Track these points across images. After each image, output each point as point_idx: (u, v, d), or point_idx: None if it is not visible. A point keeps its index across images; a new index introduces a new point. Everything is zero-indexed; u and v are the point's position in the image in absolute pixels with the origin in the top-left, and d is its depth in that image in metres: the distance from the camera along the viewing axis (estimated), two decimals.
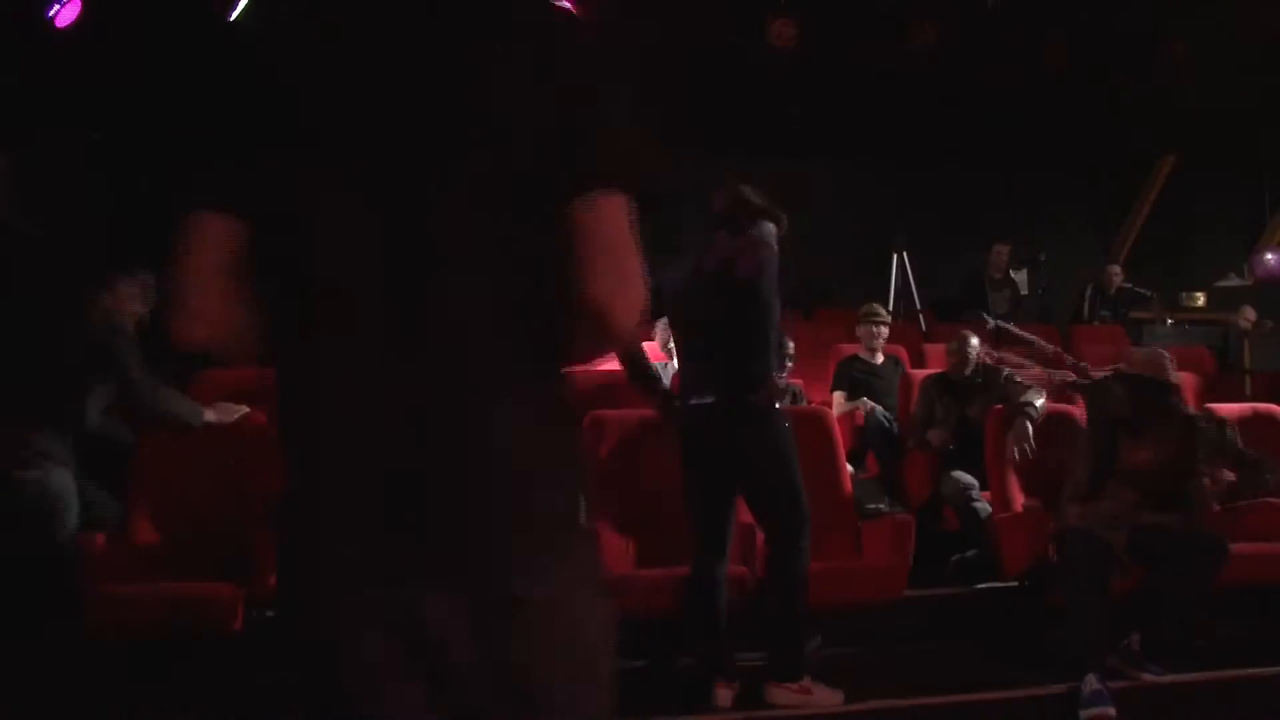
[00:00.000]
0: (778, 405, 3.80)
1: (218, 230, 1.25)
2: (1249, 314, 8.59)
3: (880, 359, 6.21)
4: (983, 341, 5.71)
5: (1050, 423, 4.87)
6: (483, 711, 1.20)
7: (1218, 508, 4.51)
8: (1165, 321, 8.77)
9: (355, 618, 1.18)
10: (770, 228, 3.72)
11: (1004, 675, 3.96)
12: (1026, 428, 4.74)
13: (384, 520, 1.19)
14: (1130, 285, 8.71)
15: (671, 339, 5.73)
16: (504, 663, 1.19)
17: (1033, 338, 6.64)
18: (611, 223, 1.22)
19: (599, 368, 5.36)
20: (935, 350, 6.69)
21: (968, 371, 5.46)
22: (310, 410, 1.24)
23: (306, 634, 1.22)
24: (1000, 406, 5.00)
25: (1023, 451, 4.69)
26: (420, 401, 1.20)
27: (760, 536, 4.31)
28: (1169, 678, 3.88)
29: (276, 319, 1.26)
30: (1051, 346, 6.39)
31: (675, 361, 5.71)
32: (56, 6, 5.75)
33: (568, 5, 6.07)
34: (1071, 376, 5.57)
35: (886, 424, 5.67)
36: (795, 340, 5.97)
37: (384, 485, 1.19)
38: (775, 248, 3.71)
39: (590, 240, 1.20)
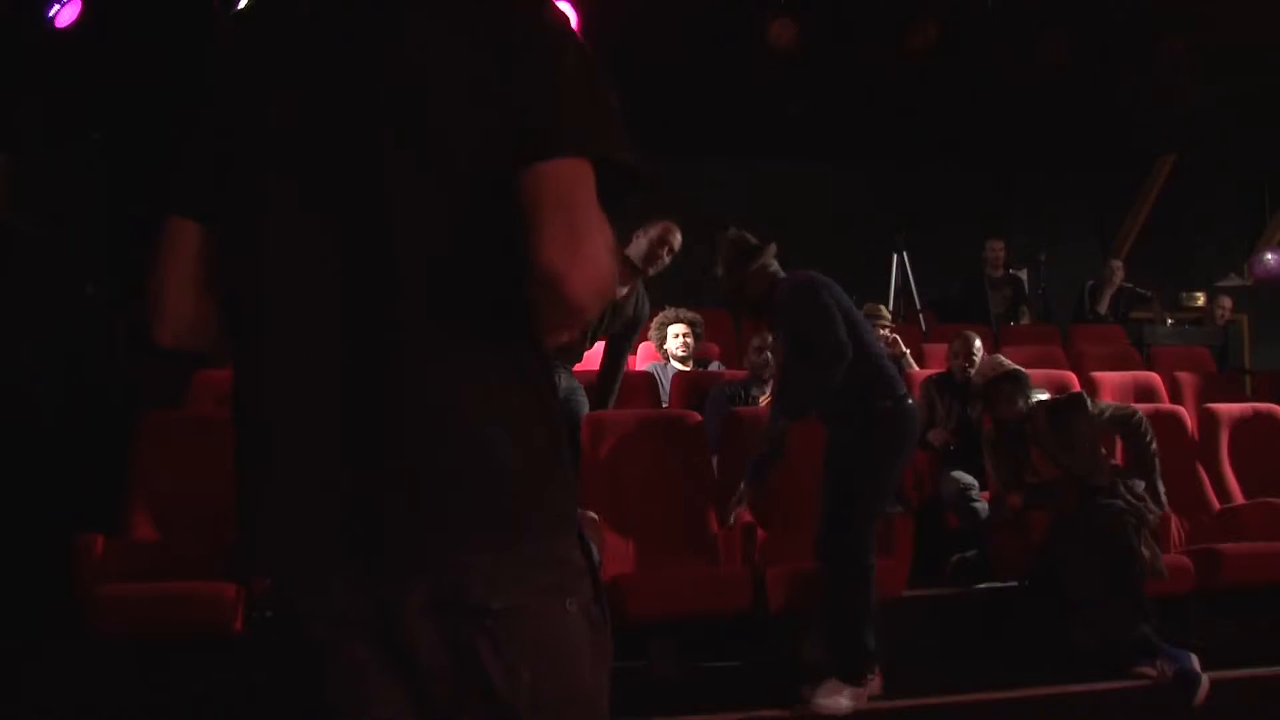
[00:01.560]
0: None
1: (190, 233, 1.26)
2: (1225, 303, 8.62)
3: None
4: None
5: None
6: None
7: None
8: (1165, 321, 8.77)
9: (333, 625, 1.15)
10: None
11: (1003, 675, 3.96)
12: None
13: (348, 524, 1.14)
14: (1130, 285, 8.71)
15: (669, 341, 5.73)
16: (475, 674, 1.14)
17: None
18: (567, 186, 1.12)
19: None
20: (935, 350, 6.69)
21: (970, 372, 5.46)
22: (258, 410, 1.20)
23: (285, 642, 1.19)
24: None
25: None
26: (369, 396, 1.14)
27: (762, 536, 4.33)
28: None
29: (234, 318, 1.25)
30: None
31: (673, 363, 5.71)
32: (56, 6, 5.74)
33: (570, 12, 6.06)
34: None
35: None
36: None
37: (339, 486, 1.14)
38: None
39: (541, 204, 1.11)
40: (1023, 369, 4.60)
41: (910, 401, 3.82)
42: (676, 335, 5.70)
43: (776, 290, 3.84)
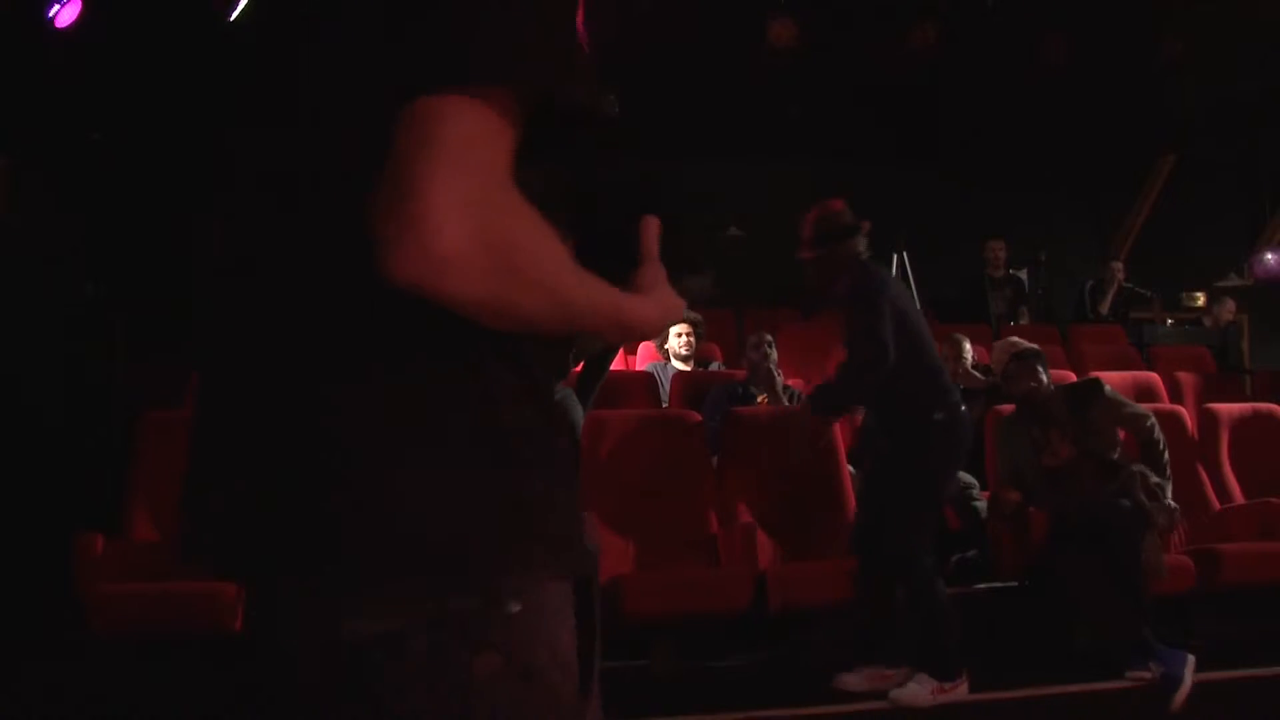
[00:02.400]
0: None
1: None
2: (1229, 304, 8.63)
3: None
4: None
5: None
6: None
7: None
8: (1165, 321, 8.77)
9: (267, 644, 1.00)
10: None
11: (1004, 675, 3.96)
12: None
13: (233, 544, 0.97)
14: (1130, 285, 8.71)
15: (670, 340, 5.72)
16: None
17: None
18: (419, 129, 0.83)
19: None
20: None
21: (961, 374, 5.51)
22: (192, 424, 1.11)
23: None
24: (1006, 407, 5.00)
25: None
26: (255, 404, 0.96)
27: (761, 536, 4.33)
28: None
29: None
30: None
31: (675, 363, 5.71)
32: (56, 6, 5.74)
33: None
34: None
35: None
36: (795, 340, 5.97)
37: (222, 502, 0.97)
38: None
39: (393, 151, 0.84)
40: (1037, 347, 4.61)
41: (963, 409, 3.80)
42: (679, 334, 5.70)
43: (843, 277, 3.80)
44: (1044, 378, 4.50)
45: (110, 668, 3.86)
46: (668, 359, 5.77)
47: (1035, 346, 4.58)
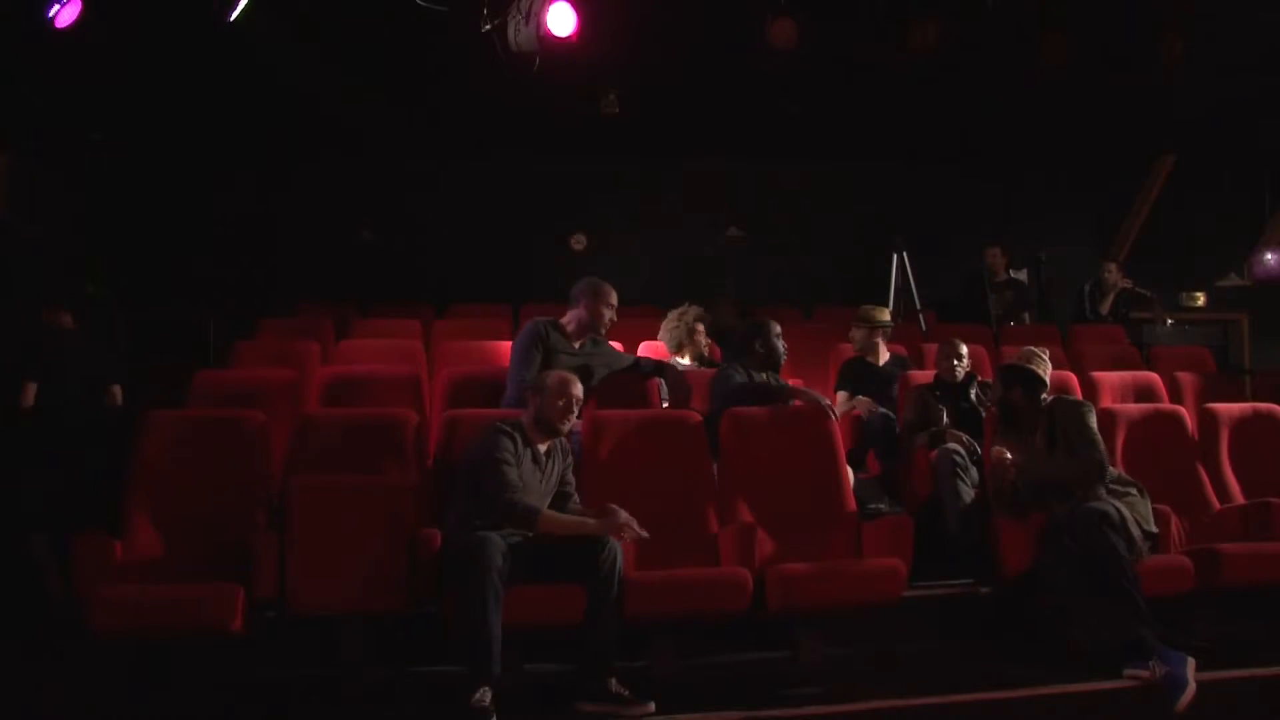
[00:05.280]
0: None
1: None
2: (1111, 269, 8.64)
3: (884, 360, 6.21)
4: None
5: None
6: None
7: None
8: (1165, 321, 8.76)
9: None
10: None
11: (1004, 675, 3.96)
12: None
13: None
14: (1131, 285, 8.71)
15: (698, 336, 5.89)
16: None
17: None
18: None
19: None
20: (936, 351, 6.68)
21: (959, 377, 5.50)
22: None
23: None
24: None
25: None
26: None
27: (761, 536, 4.32)
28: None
29: None
30: None
31: (687, 359, 5.75)
32: (56, 6, 5.74)
33: (571, 12, 6.04)
34: None
35: (887, 424, 5.65)
36: (795, 340, 5.97)
37: None
38: None
39: None
40: (1036, 373, 4.60)
41: None
42: (700, 334, 5.97)
43: None
44: (1019, 396, 4.60)
45: (110, 668, 3.86)
46: (683, 354, 5.86)
47: (1023, 368, 4.61)
